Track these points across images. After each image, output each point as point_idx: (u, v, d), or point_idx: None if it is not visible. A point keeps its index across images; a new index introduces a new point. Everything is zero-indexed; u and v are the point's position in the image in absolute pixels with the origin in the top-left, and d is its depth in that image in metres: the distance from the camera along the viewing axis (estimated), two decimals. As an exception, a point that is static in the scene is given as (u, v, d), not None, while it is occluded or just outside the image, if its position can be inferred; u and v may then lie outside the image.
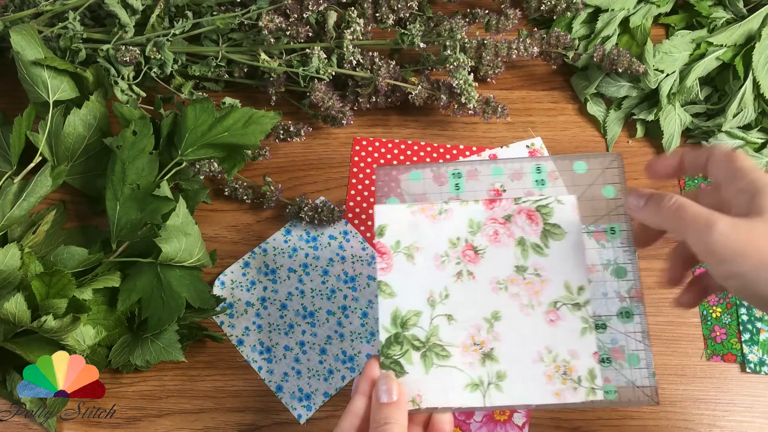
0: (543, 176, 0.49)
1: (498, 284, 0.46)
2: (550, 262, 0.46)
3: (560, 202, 0.47)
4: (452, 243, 0.46)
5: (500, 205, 0.47)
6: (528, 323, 0.45)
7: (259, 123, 0.59)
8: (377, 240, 0.47)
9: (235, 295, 0.62)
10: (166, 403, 0.58)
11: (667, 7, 0.71)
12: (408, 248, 0.46)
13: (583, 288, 0.45)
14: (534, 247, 0.46)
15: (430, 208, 0.47)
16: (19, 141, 0.58)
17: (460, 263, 0.46)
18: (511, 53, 0.65)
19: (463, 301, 0.45)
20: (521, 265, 0.46)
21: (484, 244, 0.46)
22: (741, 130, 0.66)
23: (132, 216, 0.57)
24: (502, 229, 0.46)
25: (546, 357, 0.44)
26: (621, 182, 0.47)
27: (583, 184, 0.48)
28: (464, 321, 0.45)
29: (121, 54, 0.62)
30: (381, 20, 0.65)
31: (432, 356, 0.44)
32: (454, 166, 0.50)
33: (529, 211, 0.47)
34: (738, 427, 0.57)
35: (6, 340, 0.52)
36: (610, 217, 0.47)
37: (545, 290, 0.45)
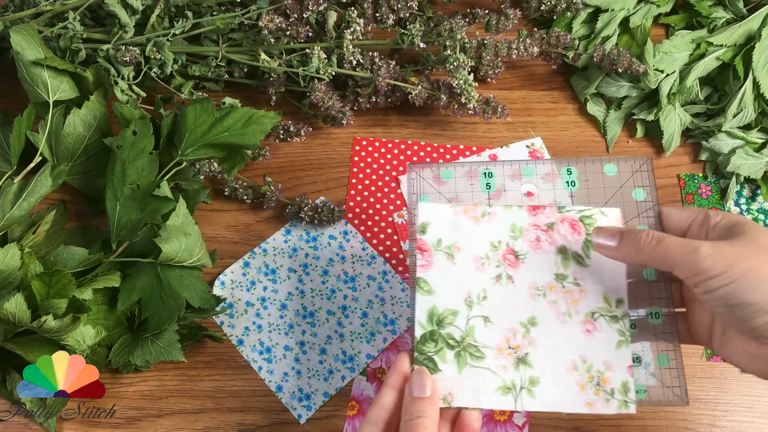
0: (574, 178, 0.49)
1: (536, 290, 0.46)
2: (591, 272, 0.46)
3: (604, 214, 0.47)
4: (493, 246, 0.47)
5: (544, 212, 0.47)
6: (564, 331, 0.45)
7: (259, 123, 0.59)
8: (419, 237, 0.47)
9: (235, 295, 0.62)
10: (166, 403, 0.58)
11: (667, 7, 0.71)
12: (449, 247, 0.47)
13: (621, 301, 0.45)
14: (575, 256, 0.46)
15: (474, 210, 0.47)
16: (19, 141, 0.58)
17: (500, 266, 0.46)
18: (511, 53, 0.65)
19: (500, 304, 0.45)
20: (561, 273, 0.46)
21: (525, 250, 0.46)
22: (741, 130, 0.66)
23: (132, 216, 0.57)
24: (544, 236, 0.47)
25: (580, 366, 0.44)
26: (651, 185, 0.48)
27: (613, 187, 0.48)
28: (500, 324, 0.45)
29: (121, 54, 0.62)
30: (381, 20, 0.65)
31: (466, 356, 0.44)
32: (485, 166, 0.50)
33: (573, 220, 0.47)
34: (738, 427, 0.57)
35: (6, 340, 0.52)
36: (639, 219, 0.47)
37: (583, 300, 0.45)
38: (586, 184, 0.49)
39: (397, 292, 0.62)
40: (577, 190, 0.49)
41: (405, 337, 0.60)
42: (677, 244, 0.40)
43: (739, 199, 0.66)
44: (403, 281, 0.62)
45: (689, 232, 0.44)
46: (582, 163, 0.49)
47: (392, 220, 0.65)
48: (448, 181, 0.50)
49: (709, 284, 0.39)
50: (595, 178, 0.49)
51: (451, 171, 0.50)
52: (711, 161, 0.67)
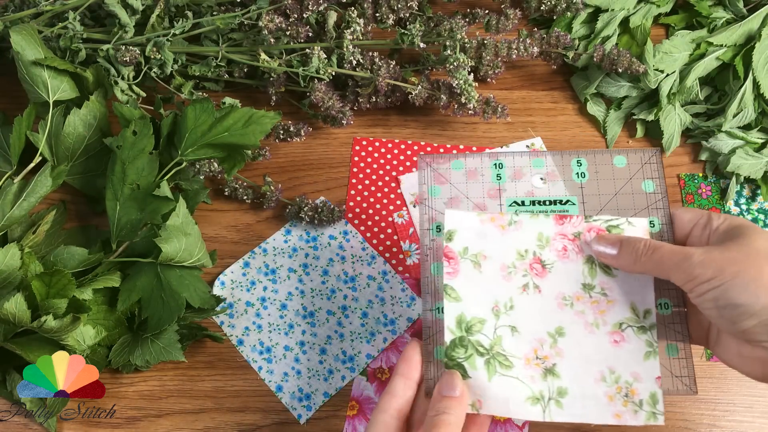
0: (583, 169, 0.49)
1: (564, 300, 0.45)
2: (618, 282, 0.45)
3: (631, 224, 0.46)
4: (520, 255, 0.46)
5: (570, 221, 0.47)
6: (591, 342, 0.44)
7: (259, 123, 0.59)
8: (446, 244, 0.47)
9: (235, 295, 0.62)
10: (166, 403, 0.58)
11: (667, 7, 0.71)
12: (475, 256, 0.46)
13: (649, 311, 0.45)
14: (602, 266, 0.46)
15: (500, 218, 0.47)
16: (19, 141, 0.58)
17: (526, 275, 0.46)
18: (511, 53, 0.65)
19: (527, 313, 0.45)
20: (588, 283, 0.45)
21: (552, 259, 0.46)
22: (741, 130, 0.66)
23: (132, 216, 0.57)
24: (571, 245, 0.46)
25: (608, 377, 0.44)
26: (660, 177, 0.48)
27: (622, 178, 0.48)
28: (528, 334, 0.45)
29: (121, 54, 0.62)
30: (381, 20, 0.65)
31: (495, 364, 0.44)
32: (496, 157, 0.50)
33: (599, 230, 0.46)
34: (738, 427, 0.57)
35: (6, 340, 0.52)
36: (649, 210, 0.48)
37: (611, 310, 0.45)
38: (596, 176, 0.49)
39: (397, 292, 0.62)
40: (587, 182, 0.49)
41: (405, 337, 0.60)
42: (671, 252, 0.41)
43: (739, 199, 0.66)
44: (403, 281, 0.62)
45: (692, 234, 0.45)
46: (592, 154, 0.50)
47: (392, 220, 0.65)
48: (458, 171, 0.50)
49: (699, 289, 0.40)
50: (605, 169, 0.49)
51: (462, 162, 0.50)
52: (711, 161, 0.67)
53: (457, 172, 0.50)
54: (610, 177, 0.49)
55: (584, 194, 0.49)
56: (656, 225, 0.47)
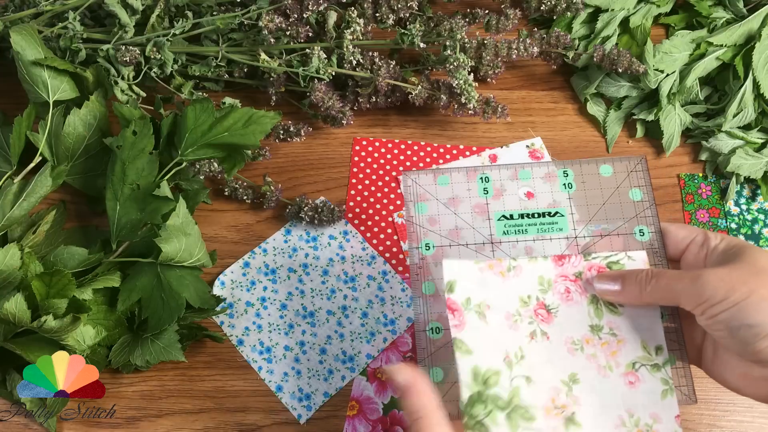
0: (570, 180, 0.49)
1: (573, 344, 0.44)
2: (625, 320, 0.44)
3: (631, 258, 0.46)
4: (523, 301, 0.45)
5: (570, 261, 0.46)
6: (607, 386, 0.43)
7: (259, 123, 0.59)
8: (448, 296, 0.45)
9: (235, 295, 0.62)
10: (166, 403, 0.58)
11: (667, 7, 0.71)
12: (479, 306, 0.45)
13: (661, 347, 0.44)
14: (607, 305, 0.45)
15: (498, 265, 0.46)
16: (19, 141, 0.58)
17: (533, 323, 0.45)
18: (511, 53, 0.65)
19: (539, 362, 0.44)
20: (596, 324, 0.44)
21: (556, 303, 0.45)
22: (741, 130, 0.66)
23: (132, 216, 0.57)
24: (573, 286, 0.45)
25: (628, 421, 0.42)
26: (647, 185, 0.48)
27: (610, 188, 0.48)
28: (543, 383, 0.43)
29: (121, 54, 0.62)
30: (381, 20, 0.65)
31: (517, 418, 0.42)
32: (482, 170, 0.49)
33: (600, 267, 0.46)
34: (738, 427, 0.57)
35: (6, 340, 0.52)
36: (638, 219, 0.47)
37: (622, 350, 0.44)
38: (583, 186, 0.49)
39: (397, 292, 0.62)
40: (575, 192, 0.49)
41: (405, 336, 0.60)
42: (677, 277, 0.40)
43: (739, 199, 0.66)
44: (403, 281, 0.62)
45: (688, 250, 0.44)
46: (578, 164, 0.49)
47: (392, 220, 0.65)
48: (444, 187, 0.49)
49: (712, 311, 0.39)
50: (592, 179, 0.49)
51: (448, 177, 0.50)
52: (711, 161, 0.67)
53: (443, 188, 0.49)
54: (597, 186, 0.48)
55: (572, 205, 0.48)
56: (645, 234, 0.47)
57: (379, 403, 0.58)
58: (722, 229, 0.65)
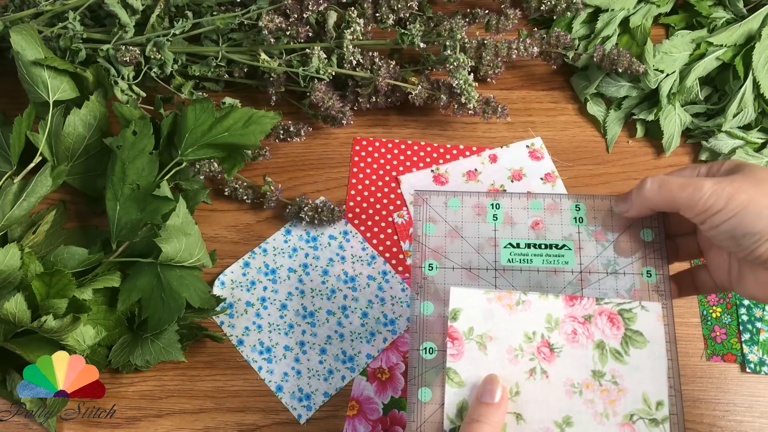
0: (582, 214, 0.48)
1: (572, 387, 0.43)
2: (629, 370, 0.44)
3: (645, 308, 0.45)
4: (528, 337, 0.44)
5: (581, 303, 0.45)
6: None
7: (259, 123, 0.59)
8: (450, 324, 0.45)
9: (235, 295, 0.62)
10: (166, 403, 0.58)
11: (667, 7, 0.71)
12: (481, 337, 0.44)
13: (662, 403, 0.43)
14: (613, 352, 0.44)
15: (508, 297, 0.45)
16: (19, 141, 0.58)
17: (534, 359, 0.44)
18: (511, 53, 0.65)
19: (533, 400, 0.43)
20: (598, 370, 0.44)
21: (560, 343, 0.44)
22: (741, 130, 0.66)
23: (132, 216, 0.57)
24: (581, 328, 0.45)
25: None
26: (659, 226, 0.47)
27: (621, 226, 0.47)
28: (534, 422, 0.43)
29: (121, 54, 0.62)
30: (381, 20, 0.65)
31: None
32: (493, 197, 0.49)
33: (611, 313, 0.45)
34: (738, 427, 0.57)
35: (6, 340, 0.52)
36: (646, 260, 0.46)
37: (621, 400, 0.43)
38: (594, 221, 0.48)
39: (397, 292, 0.62)
40: (585, 227, 0.48)
41: (405, 336, 0.60)
42: (680, 185, 0.41)
43: (739, 199, 0.66)
44: (403, 281, 0.62)
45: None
46: (591, 199, 0.48)
47: (392, 220, 0.65)
48: (455, 210, 0.49)
49: (713, 220, 0.40)
50: (604, 216, 0.48)
51: (458, 200, 0.49)
52: (711, 161, 0.67)
53: (453, 211, 0.49)
54: (609, 224, 0.48)
55: (581, 240, 0.48)
56: (653, 275, 0.46)
57: (379, 403, 0.58)
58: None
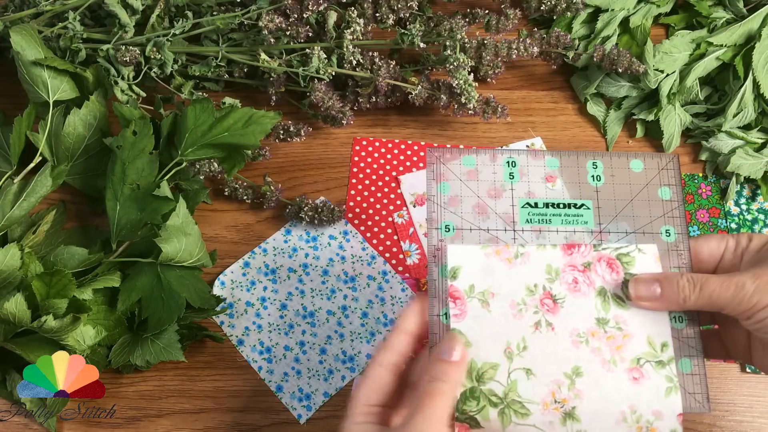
0: (599, 172, 0.47)
1: (578, 337, 0.43)
2: (632, 315, 0.44)
3: (641, 251, 0.45)
4: (529, 290, 0.44)
5: (579, 251, 0.45)
6: (611, 380, 0.43)
7: (259, 123, 0.59)
8: (451, 283, 0.44)
9: (235, 295, 0.62)
10: (166, 403, 0.58)
11: (667, 7, 0.71)
12: (483, 293, 0.44)
13: (666, 344, 0.43)
14: (615, 298, 0.44)
15: (506, 251, 0.45)
16: (19, 141, 0.58)
17: (538, 312, 0.44)
18: (511, 53, 0.65)
19: (542, 354, 0.43)
20: (602, 317, 0.44)
21: (563, 293, 0.44)
22: (741, 130, 0.66)
23: (132, 216, 0.57)
24: (581, 277, 0.44)
25: (629, 417, 0.42)
26: (677, 184, 0.46)
27: (639, 184, 0.47)
28: (544, 376, 0.42)
29: (121, 54, 0.62)
30: (381, 20, 0.65)
31: (510, 414, 0.42)
32: (509, 154, 0.48)
33: (609, 259, 0.45)
34: (738, 427, 0.57)
35: (6, 340, 0.52)
36: (665, 219, 0.46)
37: (627, 345, 0.43)
38: (611, 180, 0.47)
39: (397, 292, 0.62)
40: (603, 186, 0.47)
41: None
42: (721, 285, 0.40)
43: (739, 199, 0.66)
44: (403, 281, 0.62)
45: (723, 259, 0.44)
46: (608, 157, 0.47)
47: (392, 220, 0.65)
48: (469, 168, 0.47)
49: (759, 315, 0.39)
50: (621, 173, 0.47)
51: (473, 158, 0.47)
52: (711, 161, 0.67)
53: (468, 169, 0.47)
54: (626, 182, 0.47)
55: (599, 198, 0.47)
56: (672, 234, 0.46)
57: (379, 403, 0.58)
58: (722, 230, 0.65)
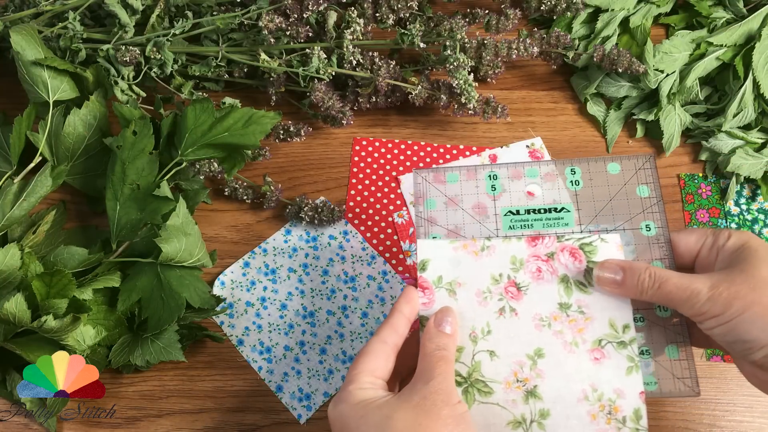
0: (578, 177, 0.50)
1: (541, 321, 0.45)
2: (594, 299, 0.45)
3: (604, 240, 0.47)
4: (494, 279, 0.46)
5: (543, 242, 0.47)
6: (572, 361, 0.44)
7: (259, 123, 0.59)
8: (420, 275, 0.47)
9: (235, 295, 0.62)
10: (166, 403, 0.58)
11: (667, 7, 0.71)
12: (450, 284, 0.46)
13: (628, 326, 0.45)
14: (577, 284, 0.46)
15: (473, 245, 0.47)
16: (19, 141, 0.58)
17: (502, 299, 0.46)
18: (511, 53, 0.65)
19: (505, 337, 0.45)
20: (564, 302, 0.45)
21: (526, 281, 0.46)
22: (741, 130, 0.66)
23: (132, 216, 0.57)
24: (545, 266, 0.46)
25: (591, 395, 0.43)
26: (654, 181, 0.49)
27: (617, 184, 0.49)
28: (507, 357, 0.45)
29: (121, 54, 0.62)
30: (381, 20, 0.65)
31: (474, 392, 0.44)
32: (490, 168, 0.51)
33: (573, 248, 0.47)
34: (738, 427, 0.57)
35: (6, 340, 0.52)
36: (645, 215, 0.48)
37: (589, 328, 0.45)
38: (590, 183, 0.49)
39: (397, 292, 0.62)
40: (582, 189, 0.49)
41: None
42: (678, 287, 0.42)
43: (739, 199, 0.66)
44: (404, 281, 0.62)
45: (700, 255, 0.45)
46: (585, 162, 0.50)
47: (392, 220, 0.65)
48: (454, 184, 0.50)
49: (709, 323, 0.41)
50: (599, 176, 0.49)
51: (456, 174, 0.51)
52: (711, 161, 0.67)
53: (452, 185, 0.50)
54: (605, 183, 0.49)
55: (579, 201, 0.49)
56: (652, 229, 0.48)
57: (379, 403, 0.58)
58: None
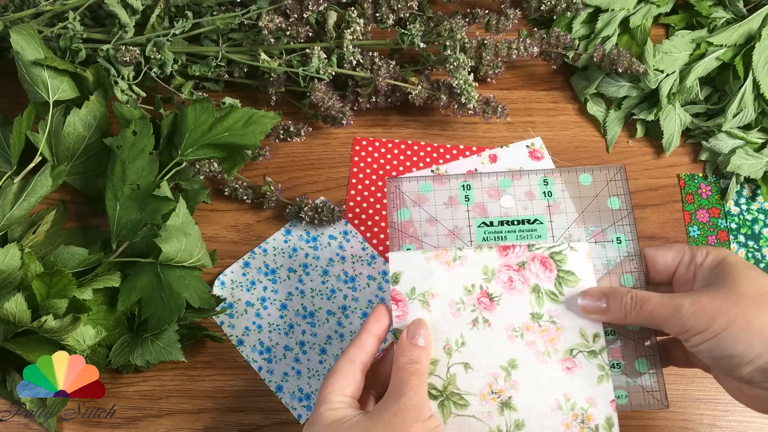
0: (550, 188, 0.50)
1: (514, 331, 0.46)
2: (565, 309, 0.46)
3: (573, 248, 0.47)
4: (467, 290, 0.47)
5: (514, 251, 0.47)
6: (545, 371, 0.45)
7: (259, 123, 0.59)
8: (393, 287, 0.47)
9: (235, 295, 0.62)
10: (166, 403, 0.58)
11: (667, 7, 0.71)
12: (423, 295, 0.46)
13: (598, 335, 0.45)
14: (548, 294, 0.46)
15: (445, 255, 0.47)
16: (19, 141, 0.58)
17: (475, 310, 0.46)
18: (511, 53, 0.65)
19: (479, 349, 0.45)
20: (536, 313, 0.46)
21: (499, 291, 0.46)
22: (741, 130, 0.66)
23: (132, 216, 0.57)
24: (516, 275, 0.47)
25: (564, 405, 0.44)
26: (625, 193, 0.49)
27: (588, 196, 0.49)
28: (481, 369, 0.45)
29: (121, 54, 0.62)
30: (381, 20, 0.65)
31: (450, 405, 0.44)
32: (463, 178, 0.51)
33: (543, 257, 0.47)
34: (738, 427, 0.57)
35: (6, 340, 0.52)
36: (615, 227, 0.48)
37: (561, 338, 0.45)
38: (562, 195, 0.50)
39: (397, 292, 0.62)
40: (554, 201, 0.50)
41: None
42: (660, 305, 0.42)
43: (739, 199, 0.66)
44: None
45: (678, 272, 0.46)
46: (558, 173, 0.50)
47: (392, 220, 0.65)
48: (427, 194, 0.50)
49: (694, 340, 0.41)
50: (571, 188, 0.50)
51: (430, 184, 0.51)
52: (711, 161, 0.67)
53: (426, 195, 0.50)
54: (577, 195, 0.50)
55: (551, 213, 0.49)
56: (623, 242, 0.48)
57: (379, 403, 0.58)
58: (722, 229, 0.65)
